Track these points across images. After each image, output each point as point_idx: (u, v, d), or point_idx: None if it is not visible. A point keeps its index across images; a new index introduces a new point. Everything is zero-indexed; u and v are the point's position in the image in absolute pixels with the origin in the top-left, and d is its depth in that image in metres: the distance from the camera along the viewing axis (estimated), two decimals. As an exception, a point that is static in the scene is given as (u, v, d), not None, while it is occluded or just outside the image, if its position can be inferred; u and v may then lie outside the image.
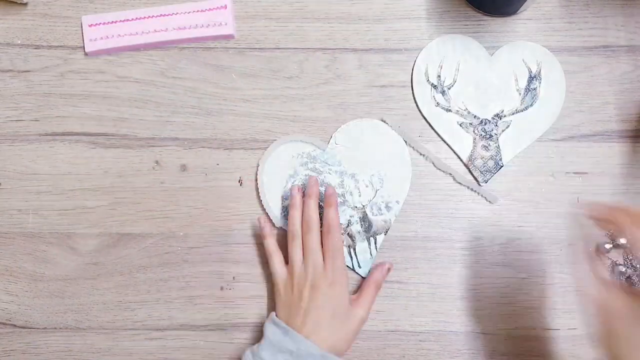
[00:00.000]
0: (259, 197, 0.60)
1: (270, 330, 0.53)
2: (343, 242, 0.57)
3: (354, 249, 0.59)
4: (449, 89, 0.61)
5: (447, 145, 0.60)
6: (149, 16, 0.62)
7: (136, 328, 0.59)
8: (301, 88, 0.62)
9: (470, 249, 0.59)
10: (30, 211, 0.60)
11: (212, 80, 0.62)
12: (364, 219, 0.59)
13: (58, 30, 0.63)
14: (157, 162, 0.61)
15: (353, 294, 0.57)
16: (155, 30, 0.62)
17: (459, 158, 0.60)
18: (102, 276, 0.59)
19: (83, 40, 0.62)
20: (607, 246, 0.58)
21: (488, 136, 0.60)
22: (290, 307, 0.54)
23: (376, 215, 0.59)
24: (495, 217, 0.59)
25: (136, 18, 0.62)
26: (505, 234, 0.59)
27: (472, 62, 0.61)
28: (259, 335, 0.58)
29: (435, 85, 0.61)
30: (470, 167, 0.60)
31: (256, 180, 0.60)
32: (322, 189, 0.59)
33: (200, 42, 0.63)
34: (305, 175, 0.60)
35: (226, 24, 0.62)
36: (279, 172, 0.60)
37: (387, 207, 0.60)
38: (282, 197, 0.60)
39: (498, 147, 0.60)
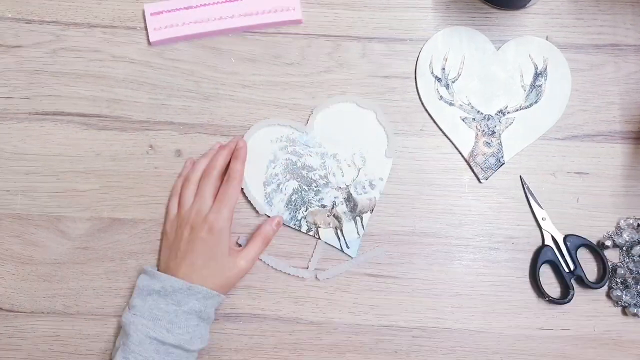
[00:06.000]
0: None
1: (140, 278, 0.55)
2: (238, 197, 0.56)
3: (341, 230, 0.58)
4: (453, 82, 0.60)
5: (448, 140, 0.60)
6: (214, 3, 0.60)
7: (126, 315, 0.58)
8: (302, 75, 0.60)
9: (467, 245, 0.58)
10: (19, 192, 0.59)
11: (210, 64, 0.60)
12: (349, 198, 0.59)
13: (51, 4, 0.61)
14: (151, 146, 0.59)
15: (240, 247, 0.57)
16: (222, 18, 0.60)
17: (460, 153, 0.59)
18: (92, 261, 0.58)
19: (147, 28, 0.60)
20: (608, 242, 0.58)
21: (490, 132, 0.59)
22: (171, 248, 0.55)
23: (361, 194, 0.59)
24: (493, 214, 0.59)
25: (200, 5, 0.60)
26: (503, 231, 0.58)
27: (478, 55, 0.60)
28: (250, 325, 0.57)
29: (439, 78, 0.60)
30: (471, 163, 0.59)
31: None
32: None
33: (267, 28, 0.60)
34: (286, 159, 0.59)
35: (294, 9, 0.60)
36: (258, 158, 0.59)
37: (371, 184, 0.59)
38: (264, 183, 0.59)
39: (500, 143, 0.59)
